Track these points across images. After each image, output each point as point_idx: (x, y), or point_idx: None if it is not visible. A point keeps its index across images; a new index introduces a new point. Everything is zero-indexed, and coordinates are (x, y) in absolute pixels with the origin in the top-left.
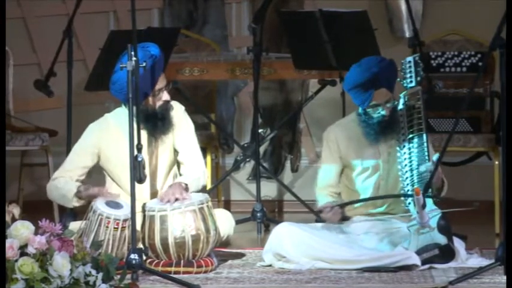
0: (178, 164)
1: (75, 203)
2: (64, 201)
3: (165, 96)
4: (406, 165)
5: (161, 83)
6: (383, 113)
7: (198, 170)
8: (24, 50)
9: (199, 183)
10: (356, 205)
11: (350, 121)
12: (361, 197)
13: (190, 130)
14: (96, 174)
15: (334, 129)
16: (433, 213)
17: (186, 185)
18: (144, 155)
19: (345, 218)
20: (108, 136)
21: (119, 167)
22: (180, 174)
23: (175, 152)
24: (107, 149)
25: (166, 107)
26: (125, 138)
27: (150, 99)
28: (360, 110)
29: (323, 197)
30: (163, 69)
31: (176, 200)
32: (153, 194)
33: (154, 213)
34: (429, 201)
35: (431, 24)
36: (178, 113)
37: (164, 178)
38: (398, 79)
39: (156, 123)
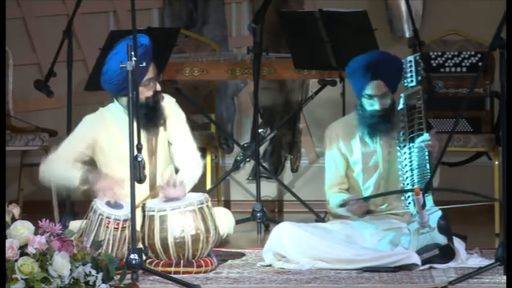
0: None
1: (82, 186)
2: (68, 184)
3: (157, 86)
4: (406, 165)
5: (151, 73)
6: (376, 107)
7: (192, 162)
8: (24, 50)
9: (195, 177)
10: None
11: (350, 119)
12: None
13: (182, 121)
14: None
15: (336, 126)
16: (432, 210)
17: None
18: (143, 151)
19: (368, 212)
20: (104, 129)
21: (114, 159)
22: (176, 168)
23: (169, 144)
24: (102, 142)
25: (157, 98)
26: (121, 132)
27: (141, 89)
28: (357, 103)
29: (334, 195)
30: (153, 60)
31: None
32: (151, 187)
33: (153, 213)
34: (429, 200)
35: (431, 24)
36: (169, 104)
37: (162, 172)
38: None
39: (147, 113)
